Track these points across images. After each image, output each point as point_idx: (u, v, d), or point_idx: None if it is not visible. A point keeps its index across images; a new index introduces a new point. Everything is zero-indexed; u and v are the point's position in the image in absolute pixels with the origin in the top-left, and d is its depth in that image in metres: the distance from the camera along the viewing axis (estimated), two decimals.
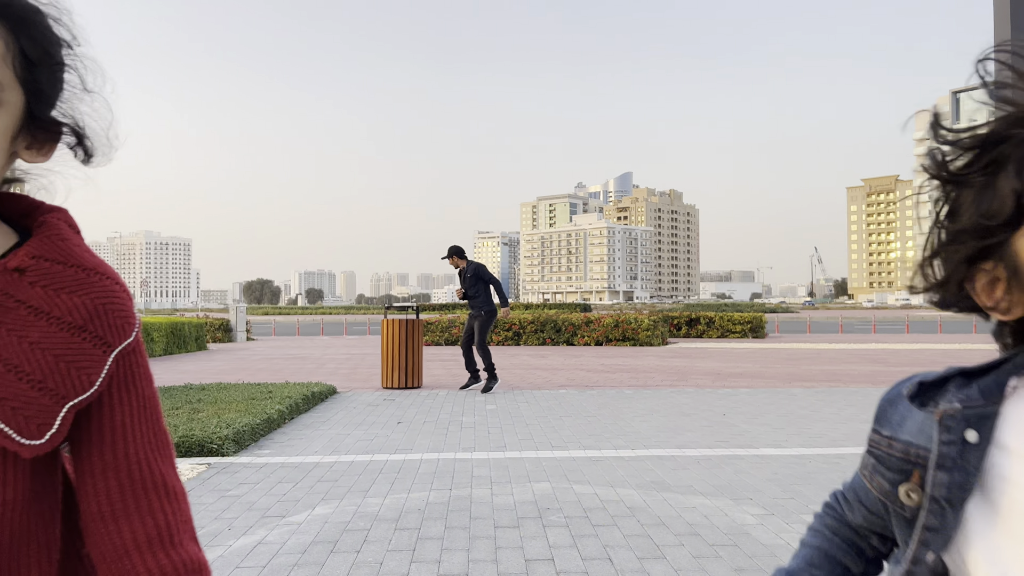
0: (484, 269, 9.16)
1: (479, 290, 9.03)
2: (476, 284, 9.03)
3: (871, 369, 12.31)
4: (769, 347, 18.48)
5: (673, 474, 4.75)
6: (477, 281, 9.05)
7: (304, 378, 11.11)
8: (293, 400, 7.27)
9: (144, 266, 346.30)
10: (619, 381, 10.45)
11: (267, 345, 21.51)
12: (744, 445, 5.73)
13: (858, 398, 8.53)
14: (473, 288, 9.04)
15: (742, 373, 11.62)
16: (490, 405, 8.04)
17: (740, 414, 7.33)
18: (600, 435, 6.18)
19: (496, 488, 4.39)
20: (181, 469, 4.84)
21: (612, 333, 19.39)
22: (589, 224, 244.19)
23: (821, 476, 4.68)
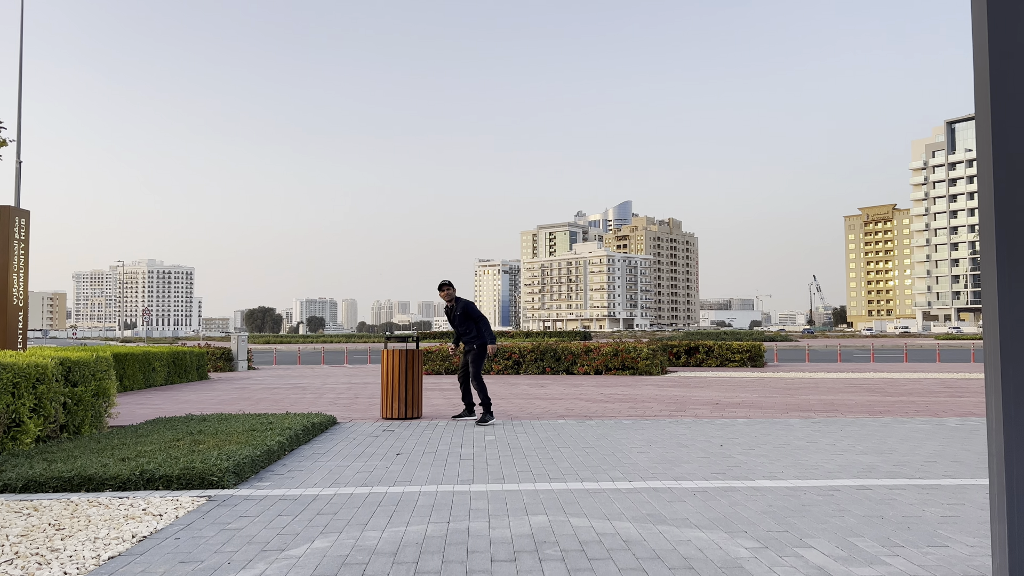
0: (472, 307, 9.49)
1: (469, 327, 9.38)
2: (466, 322, 9.38)
3: (868, 399, 12.35)
4: (768, 376, 18.52)
5: (669, 507, 4.80)
6: (467, 319, 9.39)
7: (304, 408, 11.15)
8: (293, 431, 7.32)
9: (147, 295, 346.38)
10: (618, 411, 10.49)
11: (268, 374, 21.54)
12: (740, 477, 5.78)
13: (854, 429, 8.57)
14: (463, 325, 9.41)
15: (740, 403, 11.66)
16: (489, 436, 8.09)
17: (737, 445, 7.37)
18: (598, 467, 6.23)
19: (494, 521, 4.44)
20: (182, 502, 4.89)
21: (611, 362, 19.44)
22: (589, 252, 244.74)
23: (816, 509, 4.73)
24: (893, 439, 7.78)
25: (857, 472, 5.97)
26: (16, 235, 10.42)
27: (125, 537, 4.05)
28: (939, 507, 4.76)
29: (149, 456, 5.97)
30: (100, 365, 8.14)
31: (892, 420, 9.42)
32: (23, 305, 10.61)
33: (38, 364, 6.83)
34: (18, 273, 10.49)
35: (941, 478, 5.71)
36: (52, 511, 4.61)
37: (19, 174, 26.32)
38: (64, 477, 5.25)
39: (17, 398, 6.49)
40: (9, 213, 10.24)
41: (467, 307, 9.40)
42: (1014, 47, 2.52)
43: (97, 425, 7.98)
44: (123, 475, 5.30)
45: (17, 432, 6.53)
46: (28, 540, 3.98)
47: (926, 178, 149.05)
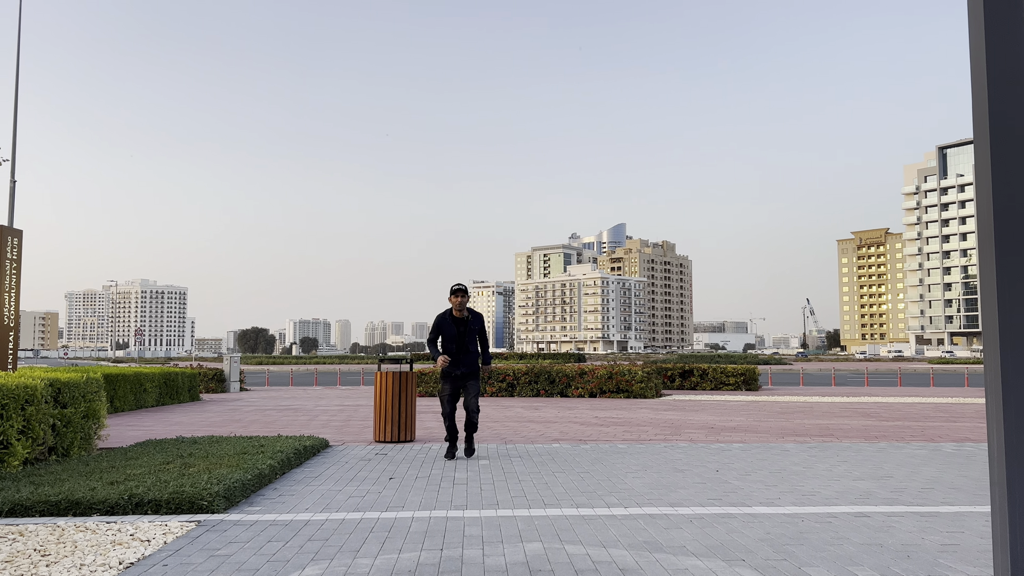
0: (483, 320, 8.24)
1: (475, 343, 8.12)
2: (475, 339, 8.12)
3: (864, 424, 12.31)
4: (762, 400, 18.46)
5: (665, 533, 4.74)
6: (475, 335, 8.15)
7: (296, 430, 11.05)
8: (285, 455, 7.23)
9: (139, 315, 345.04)
10: (613, 435, 10.42)
11: (260, 395, 21.39)
12: (737, 503, 5.72)
13: (851, 454, 8.52)
14: (473, 343, 8.08)
15: (735, 427, 11.60)
16: (483, 460, 8.01)
17: (733, 470, 7.31)
18: (593, 492, 6.16)
19: (488, 548, 4.37)
20: (171, 527, 4.81)
21: (606, 385, 19.36)
22: (583, 274, 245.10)
23: (814, 536, 4.67)
24: (890, 465, 7.73)
25: (855, 498, 5.92)
26: (8, 254, 10.36)
27: (112, 564, 3.97)
28: (938, 535, 4.71)
29: (138, 480, 5.88)
30: (90, 386, 8.06)
31: (888, 445, 9.38)
32: (14, 325, 10.53)
33: (27, 385, 6.75)
34: (10, 293, 10.41)
35: (939, 505, 5.66)
36: (38, 536, 4.53)
37: (13, 194, 26.26)
38: (51, 501, 5.17)
39: (5, 420, 6.40)
40: (2, 233, 10.19)
41: (483, 322, 8.12)
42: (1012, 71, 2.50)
43: (86, 447, 7.88)
44: (111, 499, 5.22)
45: (4, 454, 6.44)
46: (12, 567, 3.90)
47: (918, 203, 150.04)
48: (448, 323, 7.95)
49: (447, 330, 7.94)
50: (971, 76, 2.56)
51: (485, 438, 10.10)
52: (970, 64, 2.43)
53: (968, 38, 2.55)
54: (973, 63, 2.53)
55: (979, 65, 2.52)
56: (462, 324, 7.95)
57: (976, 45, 2.52)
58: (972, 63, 2.52)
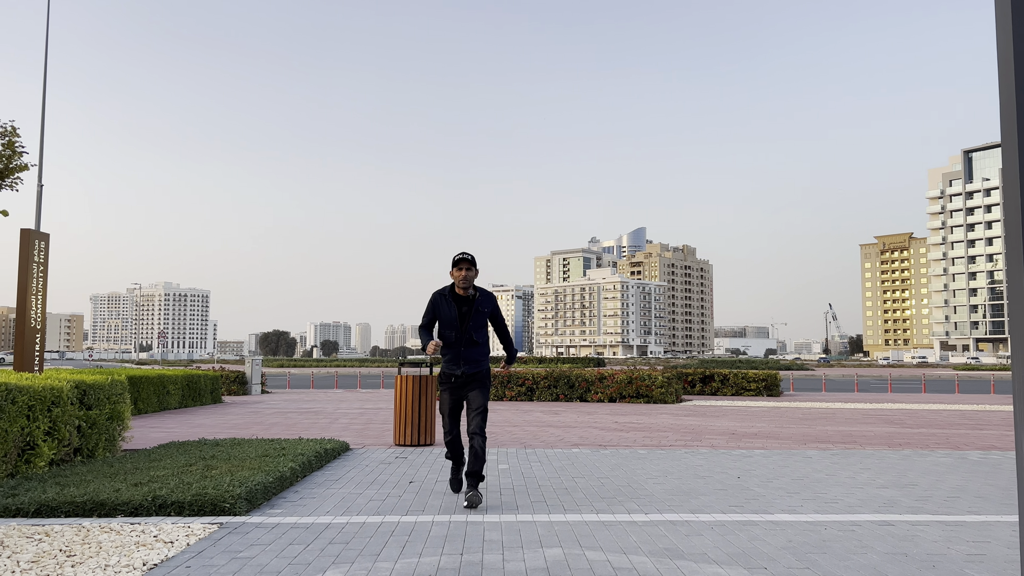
0: (498, 304, 6.24)
1: (484, 334, 6.08)
2: (483, 327, 6.08)
3: (888, 431, 12.17)
4: (784, 406, 18.31)
5: (687, 540, 4.71)
6: (486, 321, 6.11)
7: (317, 433, 11.11)
8: (306, 457, 7.27)
9: (162, 317, 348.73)
10: (633, 440, 10.38)
11: (281, 398, 21.53)
12: (758, 510, 5.67)
13: (874, 461, 8.42)
14: (479, 331, 6.03)
15: (757, 433, 11.52)
16: (502, 464, 8.01)
17: (755, 477, 7.26)
18: (613, 498, 6.14)
19: (508, 553, 4.37)
20: (193, 529, 4.85)
21: (626, 390, 19.29)
22: (603, 278, 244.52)
23: (837, 545, 4.62)
24: (914, 472, 7.64)
25: (878, 506, 5.85)
26: (35, 258, 10.51)
27: (136, 565, 4.01)
28: (964, 545, 4.65)
29: (161, 481, 5.94)
30: (115, 388, 8.15)
31: (912, 453, 9.26)
32: (40, 327, 10.68)
33: (53, 387, 6.84)
34: (36, 295, 10.57)
35: (965, 514, 5.58)
36: (63, 537, 4.58)
37: (40, 198, 26.63)
38: (76, 502, 5.23)
39: (32, 421, 6.49)
40: (29, 236, 10.34)
41: (497, 305, 6.16)
42: None
43: (111, 449, 7.97)
44: (135, 500, 5.27)
45: (31, 455, 6.52)
46: (39, 567, 3.95)
47: (943, 207, 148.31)
48: (446, 302, 5.98)
49: (444, 312, 5.95)
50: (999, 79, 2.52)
51: (504, 442, 10.10)
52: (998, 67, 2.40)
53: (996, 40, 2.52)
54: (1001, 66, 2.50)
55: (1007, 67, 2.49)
56: (467, 304, 5.98)
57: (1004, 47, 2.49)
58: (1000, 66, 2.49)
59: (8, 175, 10.47)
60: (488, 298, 6.08)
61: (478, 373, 6.01)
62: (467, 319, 5.97)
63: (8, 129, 10.55)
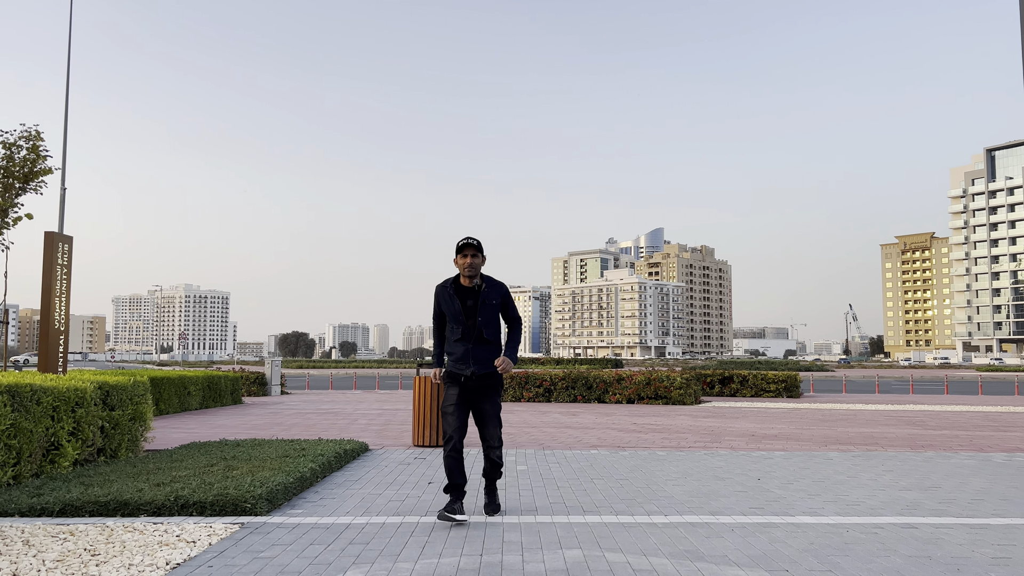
0: (511, 295, 5.54)
1: (496, 330, 5.43)
2: (495, 322, 5.43)
3: (910, 432, 12.04)
4: (804, 407, 18.18)
5: (707, 542, 4.68)
6: (498, 315, 5.47)
7: (336, 434, 11.16)
8: (326, 458, 7.31)
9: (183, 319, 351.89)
10: (651, 442, 10.34)
11: (301, 399, 21.66)
12: (779, 512, 5.64)
13: (896, 463, 8.34)
14: (490, 326, 5.38)
15: (777, 435, 11.44)
16: (521, 466, 8.01)
17: (775, 478, 7.21)
18: (632, 499, 6.12)
19: (527, 554, 4.37)
20: (215, 529, 4.89)
21: (644, 391, 19.23)
22: (620, 279, 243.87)
23: (859, 547, 4.58)
24: (937, 475, 7.55)
25: (901, 509, 5.79)
26: (59, 260, 10.64)
27: (159, 564, 4.05)
28: (989, 548, 4.59)
29: (183, 481, 5.99)
30: (137, 389, 8.23)
31: (935, 455, 9.17)
32: (64, 329, 10.81)
33: (77, 388, 6.93)
34: (60, 297, 10.69)
35: (990, 517, 5.52)
36: (88, 536, 4.64)
37: (63, 201, 26.97)
38: (100, 502, 5.29)
39: (56, 421, 6.58)
40: (53, 239, 10.47)
41: (508, 296, 5.47)
42: None
43: (133, 449, 8.05)
44: (158, 500, 5.32)
45: (55, 455, 6.61)
46: (64, 566, 4.00)
47: (965, 206, 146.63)
48: (449, 295, 5.37)
49: (449, 306, 5.37)
50: None
51: (523, 443, 10.10)
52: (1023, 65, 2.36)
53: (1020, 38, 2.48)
54: None
55: None
56: (472, 296, 5.36)
57: None
58: None
59: (33, 179, 10.61)
60: (496, 288, 5.39)
61: (490, 376, 5.36)
62: (474, 313, 5.32)
63: (33, 134, 10.69)
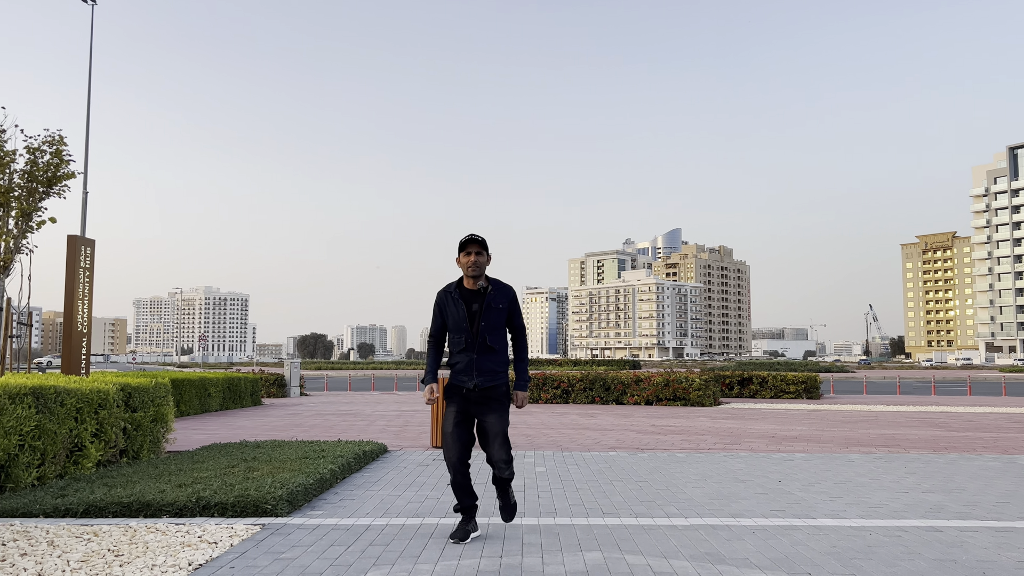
0: (518, 302, 4.97)
1: (501, 338, 4.83)
2: (500, 329, 4.81)
3: (932, 434, 11.91)
4: (824, 408, 18.03)
5: (728, 545, 4.65)
6: (503, 322, 4.84)
7: (355, 435, 11.20)
8: (345, 459, 7.34)
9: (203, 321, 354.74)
10: (670, 443, 10.30)
11: (320, 400, 21.76)
12: (801, 515, 5.59)
13: (919, 465, 8.25)
14: (495, 333, 4.78)
15: (797, 436, 11.36)
16: (539, 467, 8.00)
17: (796, 481, 7.16)
18: (652, 501, 6.09)
19: (547, 556, 4.36)
20: (236, 530, 4.92)
21: (662, 392, 19.16)
22: (638, 280, 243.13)
23: (883, 550, 4.54)
24: (961, 477, 7.46)
25: (925, 512, 5.73)
26: (82, 263, 10.75)
27: (181, 565, 4.08)
28: (1016, 551, 4.53)
29: (205, 483, 6.03)
30: (159, 391, 8.31)
31: (958, 457, 9.06)
32: (87, 331, 10.92)
33: (100, 390, 7.00)
34: (82, 300, 10.80)
35: (1016, 520, 5.44)
36: (111, 536, 4.68)
37: (85, 204, 27.30)
38: (123, 502, 5.34)
39: (80, 423, 6.65)
40: (75, 243, 10.58)
41: (515, 302, 4.90)
42: None
43: (155, 450, 8.12)
44: (180, 501, 5.36)
45: (79, 456, 6.68)
46: (88, 566, 4.04)
47: (988, 205, 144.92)
48: (453, 300, 4.79)
49: (452, 313, 4.77)
50: None
51: (541, 445, 10.09)
52: None
53: None
54: None
55: None
56: (477, 300, 4.78)
57: None
58: None
59: (56, 183, 10.74)
60: (503, 292, 4.81)
61: (495, 389, 4.74)
62: (479, 318, 4.74)
63: (56, 138, 10.82)
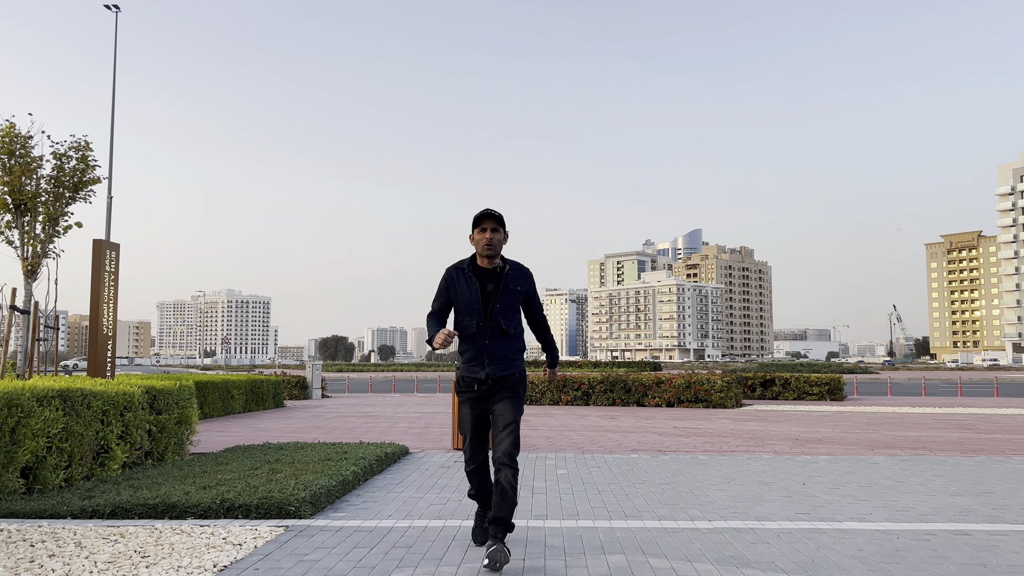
0: (536, 286, 4.56)
1: (516, 322, 4.47)
2: (515, 312, 4.46)
3: (960, 436, 11.75)
4: (848, 410, 17.85)
5: (752, 548, 4.61)
6: (519, 305, 4.48)
7: (377, 437, 11.25)
8: (367, 461, 7.36)
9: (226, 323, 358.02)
10: (693, 446, 10.24)
11: (341, 402, 21.87)
12: (826, 518, 5.53)
13: (946, 468, 8.14)
14: (510, 316, 4.40)
15: (821, 439, 11.25)
16: (561, 470, 7.98)
17: (820, 484, 7.08)
18: (675, 504, 6.06)
19: (570, 559, 4.35)
20: (260, 532, 4.95)
21: (684, 394, 19.06)
22: (658, 281, 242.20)
23: (911, 555, 4.48)
24: (990, 480, 7.35)
25: (953, 515, 5.65)
26: (107, 267, 10.88)
27: (207, 566, 4.11)
28: None
29: (229, 484, 6.08)
30: (183, 394, 8.38)
31: (987, 459, 8.93)
32: (112, 334, 11.05)
33: (125, 392, 7.07)
34: (108, 304, 10.93)
35: None
36: (138, 538, 4.73)
37: (110, 209, 27.64)
38: (149, 504, 5.39)
39: (106, 425, 6.72)
40: (101, 247, 10.71)
41: (534, 286, 4.52)
42: None
43: (179, 452, 8.19)
44: (204, 503, 5.41)
45: (105, 458, 6.75)
46: (115, 567, 4.08)
47: (1014, 203, 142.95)
48: (465, 278, 4.39)
49: (463, 292, 4.38)
50: None
51: (562, 447, 10.07)
52: None
53: None
54: None
55: None
56: (492, 280, 4.36)
57: None
58: None
59: (82, 188, 10.88)
60: (522, 274, 4.42)
61: (509, 377, 4.38)
62: (493, 300, 4.33)
63: (82, 144, 10.97)
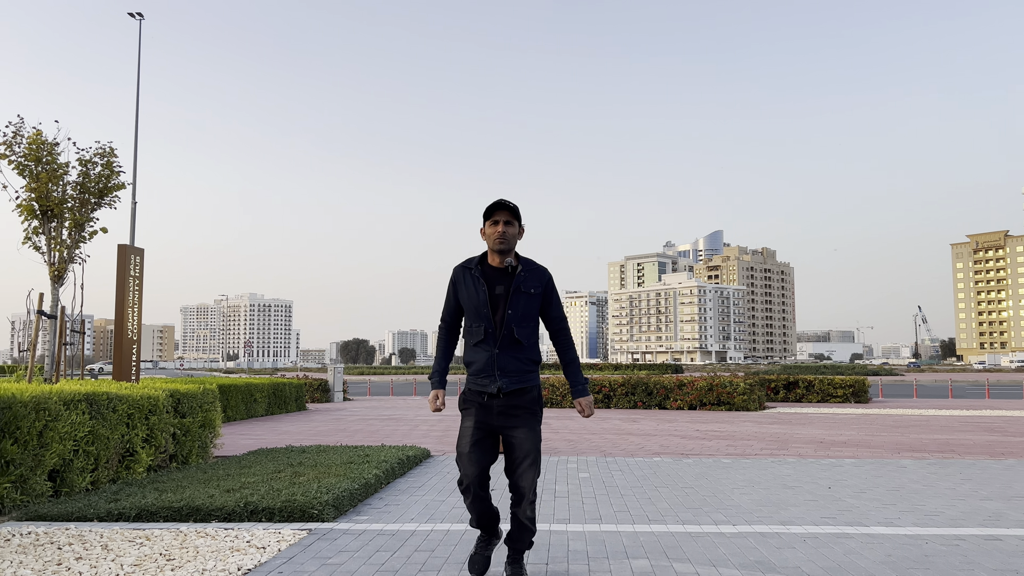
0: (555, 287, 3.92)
1: (531, 330, 3.79)
2: (530, 319, 3.78)
3: (988, 439, 11.57)
4: (874, 413, 17.64)
5: (778, 553, 4.56)
6: (534, 311, 3.81)
7: (398, 440, 11.27)
8: (389, 464, 7.38)
9: (248, 327, 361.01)
10: (716, 449, 10.16)
11: (363, 405, 21.95)
12: (853, 522, 5.46)
13: (975, 471, 8.02)
14: (523, 323, 3.75)
15: (846, 442, 11.12)
16: (583, 473, 7.95)
17: (846, 487, 7.00)
18: (699, 508, 6.01)
19: (594, 564, 4.32)
20: (284, 535, 4.97)
21: (706, 397, 18.93)
22: (679, 283, 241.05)
23: (940, 560, 4.41)
24: (1020, 484, 7.23)
25: (983, 520, 5.55)
26: (131, 272, 11.00)
27: (231, 570, 4.13)
28: None
29: (252, 488, 6.11)
30: (207, 397, 8.45)
31: (1016, 463, 8.78)
32: (137, 339, 11.16)
33: (150, 396, 7.14)
34: (132, 308, 11.05)
35: None
36: (163, 541, 4.76)
37: (134, 214, 27.98)
38: (174, 507, 5.43)
39: (131, 428, 6.79)
40: (125, 252, 10.83)
41: (552, 287, 3.87)
42: None
43: (203, 455, 8.26)
44: (228, 506, 5.44)
45: (130, 461, 6.82)
46: (141, 570, 4.11)
47: None
48: (472, 279, 3.80)
49: (470, 293, 3.79)
50: None
51: (584, 450, 10.03)
52: None
53: None
54: None
55: None
56: (503, 281, 3.77)
57: None
58: None
59: (107, 194, 11.02)
60: (536, 274, 3.80)
61: (525, 394, 3.76)
62: (504, 303, 3.73)
63: (107, 150, 11.10)
